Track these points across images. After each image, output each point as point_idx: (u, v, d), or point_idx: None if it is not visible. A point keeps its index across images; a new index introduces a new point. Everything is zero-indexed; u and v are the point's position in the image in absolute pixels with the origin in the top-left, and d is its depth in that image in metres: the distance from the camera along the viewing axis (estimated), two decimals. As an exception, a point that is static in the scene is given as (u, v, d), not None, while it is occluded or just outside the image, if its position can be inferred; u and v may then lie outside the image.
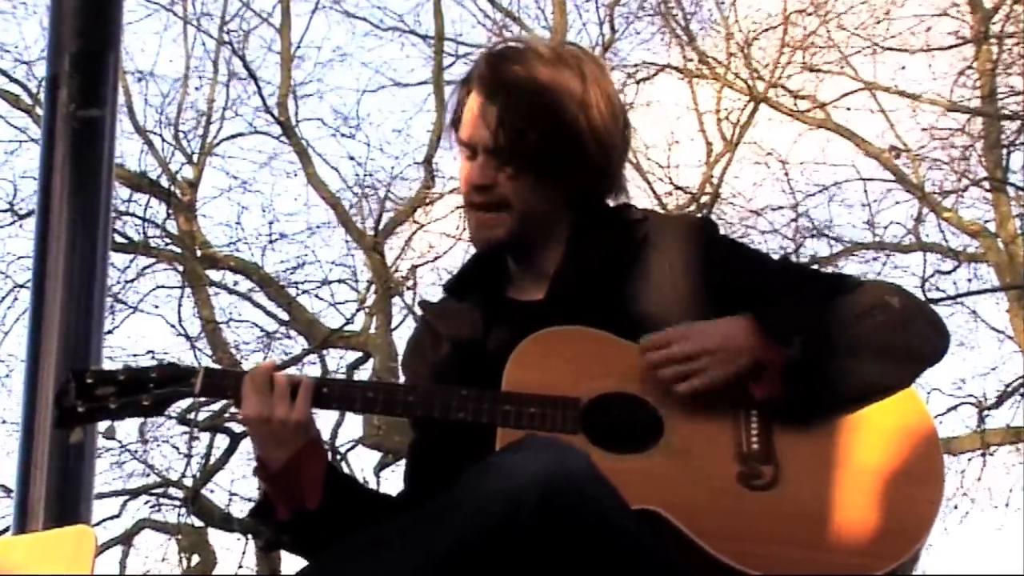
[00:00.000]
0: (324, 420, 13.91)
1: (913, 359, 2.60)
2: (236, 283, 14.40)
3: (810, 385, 2.51)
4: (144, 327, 20.14)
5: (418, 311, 2.92)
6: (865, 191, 13.73)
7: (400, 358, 2.89)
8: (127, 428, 13.73)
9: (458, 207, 13.77)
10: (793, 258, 12.22)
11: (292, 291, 14.28)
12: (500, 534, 2.23)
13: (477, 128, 2.64)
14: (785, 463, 2.51)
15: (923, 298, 2.83)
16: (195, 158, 14.20)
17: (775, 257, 2.80)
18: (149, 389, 2.58)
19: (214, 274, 14.33)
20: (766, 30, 13.77)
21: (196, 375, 2.58)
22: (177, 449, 13.92)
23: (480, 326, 2.73)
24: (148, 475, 14.00)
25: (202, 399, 13.67)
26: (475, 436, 2.54)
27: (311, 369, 14.12)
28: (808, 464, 2.51)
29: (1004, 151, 13.28)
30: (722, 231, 2.77)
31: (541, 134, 2.60)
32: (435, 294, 2.96)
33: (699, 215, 2.94)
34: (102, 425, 2.88)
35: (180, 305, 13.90)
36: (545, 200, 2.66)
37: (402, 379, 2.89)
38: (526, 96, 2.61)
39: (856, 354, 2.53)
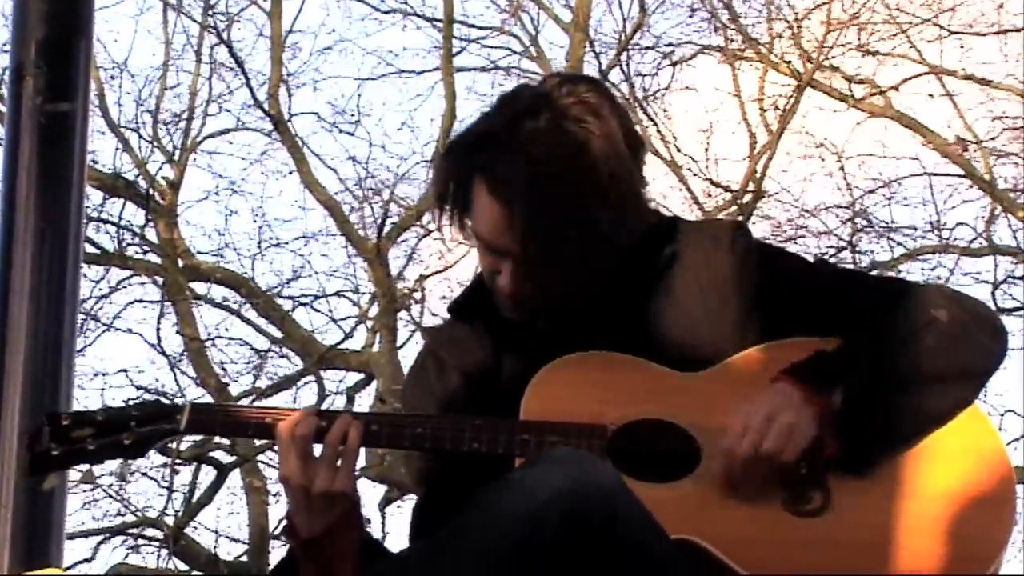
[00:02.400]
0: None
1: (971, 377, 2.64)
2: (225, 299, 14.43)
3: (864, 432, 2.55)
4: (120, 346, 20.20)
5: (421, 337, 2.92)
6: (930, 187, 13.72)
7: (402, 388, 2.91)
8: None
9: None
10: (849, 262, 12.21)
11: (286, 305, 14.31)
12: (522, 554, 2.26)
13: (500, 235, 2.63)
14: (836, 489, 2.54)
15: (993, 307, 2.84)
16: (176, 157, 14.23)
17: (810, 259, 2.84)
18: (131, 428, 2.62)
19: (198, 287, 14.37)
20: (816, 7, 13.76)
21: (182, 411, 2.62)
22: (157, 483, 13.95)
23: (491, 352, 2.76)
24: (125, 513, 14.03)
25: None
26: (491, 468, 2.53)
27: (306, 392, 14.14)
28: (861, 488, 2.54)
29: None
30: (766, 234, 2.78)
31: (576, 232, 2.59)
32: (444, 309, 2.96)
33: (729, 219, 2.94)
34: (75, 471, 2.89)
35: (160, 322, 13.94)
36: (575, 270, 2.64)
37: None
38: (544, 192, 2.58)
39: (907, 389, 2.58)
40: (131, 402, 2.70)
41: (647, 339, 2.64)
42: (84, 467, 2.77)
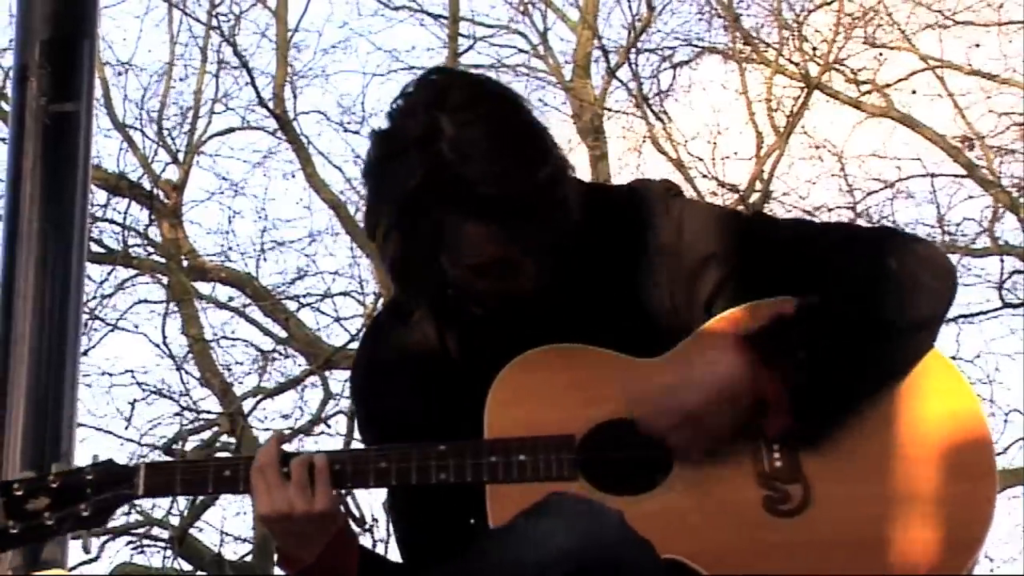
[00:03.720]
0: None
1: (926, 324, 2.58)
2: (231, 299, 14.44)
3: (823, 405, 2.50)
4: (124, 347, 20.19)
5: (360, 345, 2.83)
6: (933, 186, 13.69)
7: (357, 407, 2.83)
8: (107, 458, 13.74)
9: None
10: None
11: (291, 305, 14.31)
12: None
13: (499, 250, 2.50)
14: (814, 479, 2.49)
15: (1000, 304, 2.81)
16: (181, 157, 14.23)
17: (741, 212, 2.77)
18: (87, 496, 2.56)
19: (203, 287, 14.36)
20: (820, 6, 13.74)
21: (137, 473, 2.56)
22: (162, 483, 13.92)
23: (435, 341, 2.66)
24: (129, 513, 14.02)
25: (190, 427, 13.66)
26: (463, 487, 2.51)
27: (311, 392, 14.14)
28: (841, 476, 2.49)
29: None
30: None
31: (560, 217, 2.52)
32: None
33: (658, 181, 2.80)
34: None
35: (164, 322, 13.93)
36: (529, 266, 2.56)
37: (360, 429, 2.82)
38: (535, 202, 2.48)
39: (865, 344, 2.52)
40: (86, 464, 2.61)
41: (600, 326, 2.58)
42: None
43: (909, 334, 2.55)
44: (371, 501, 12.94)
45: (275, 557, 2.55)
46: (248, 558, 13.94)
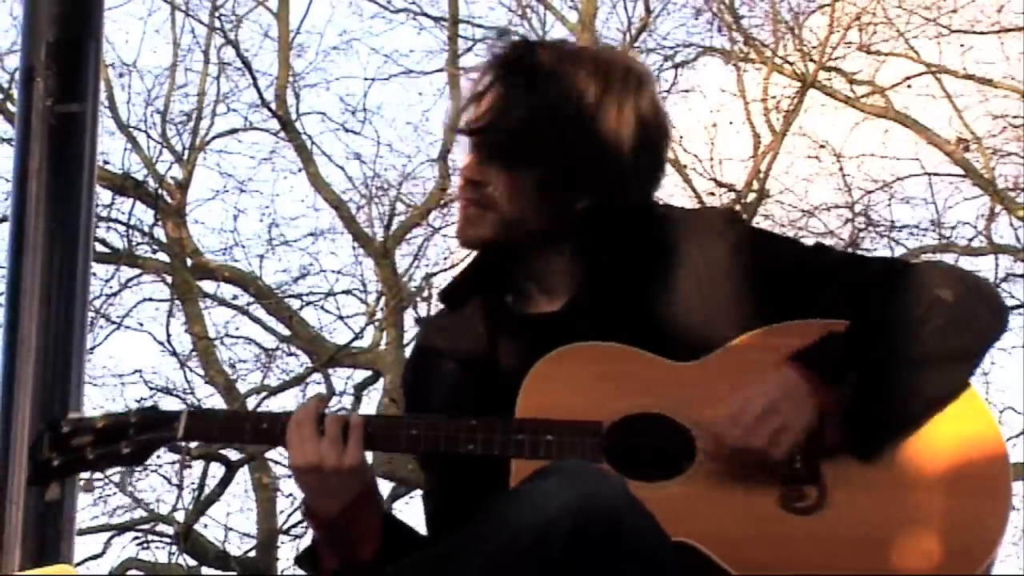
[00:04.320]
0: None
1: (975, 355, 2.61)
2: (235, 297, 14.44)
3: (873, 420, 2.52)
4: (129, 345, 20.22)
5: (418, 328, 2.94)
6: (930, 187, 13.71)
7: (402, 380, 2.92)
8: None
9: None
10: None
11: (294, 304, 14.32)
12: (528, 569, 2.25)
13: (480, 115, 2.68)
14: (831, 482, 2.51)
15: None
16: (185, 157, 14.23)
17: (802, 242, 2.81)
18: (129, 436, 2.62)
19: (207, 285, 14.38)
20: (818, 8, 13.75)
21: (179, 418, 2.61)
22: (167, 479, 13.97)
23: (484, 339, 2.74)
24: (135, 509, 14.04)
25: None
26: (489, 472, 2.54)
27: (314, 390, 14.13)
28: (857, 482, 2.51)
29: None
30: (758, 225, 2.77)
31: (532, 129, 2.63)
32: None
33: (723, 206, 2.91)
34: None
35: (169, 320, 13.95)
36: (535, 208, 2.67)
37: (404, 405, 2.90)
38: (524, 84, 2.65)
39: (914, 374, 2.54)
40: (134, 407, 2.70)
41: (643, 326, 2.61)
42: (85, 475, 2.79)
43: (957, 363, 2.58)
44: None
45: (302, 510, 2.61)
46: (252, 554, 13.95)
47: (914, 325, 2.56)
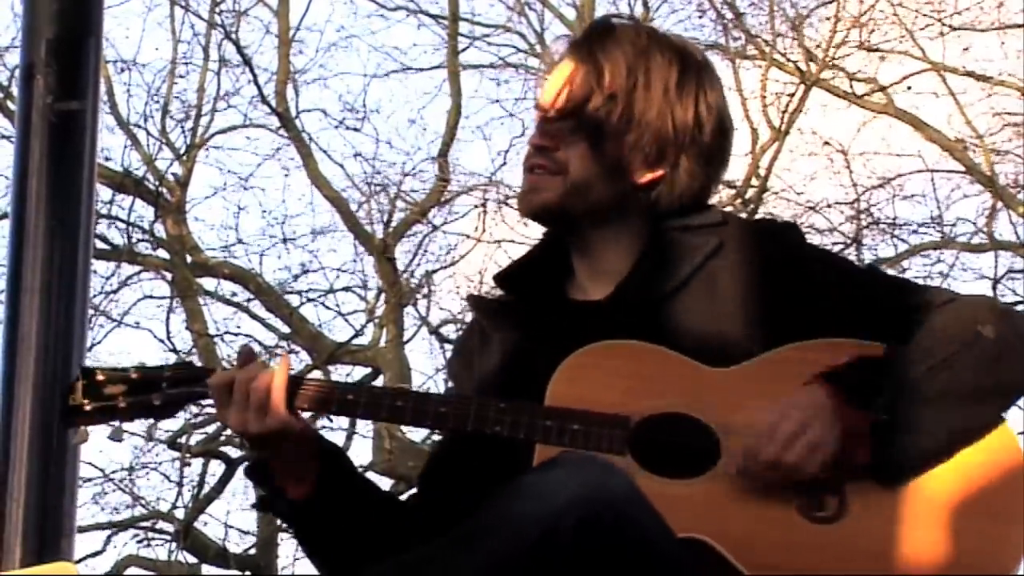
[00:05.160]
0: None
1: (1009, 395, 2.62)
2: (234, 294, 14.44)
3: (897, 450, 2.52)
4: (129, 342, 20.20)
5: (466, 308, 3.00)
6: (932, 184, 13.70)
7: (446, 363, 2.98)
8: (112, 453, 13.77)
9: (476, 206, 13.79)
10: (853, 259, 12.20)
11: (294, 301, 14.32)
12: (535, 560, 2.26)
13: (556, 91, 2.72)
14: (851, 493, 2.51)
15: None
16: (184, 154, 14.23)
17: (858, 264, 2.82)
18: (161, 388, 2.67)
19: (207, 283, 14.38)
20: (819, 5, 13.76)
21: (212, 375, 2.66)
22: (167, 477, 13.97)
23: (534, 327, 2.76)
24: (135, 506, 14.04)
25: (195, 420, 13.69)
26: (509, 451, 2.57)
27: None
28: (877, 494, 2.52)
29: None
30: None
31: (616, 112, 2.68)
32: (461, 298, 3.00)
33: (782, 221, 2.96)
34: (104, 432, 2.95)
35: (169, 317, 13.95)
36: (603, 179, 2.71)
37: (447, 384, 2.96)
38: (610, 68, 2.70)
39: (946, 405, 2.54)
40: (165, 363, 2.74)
41: (686, 329, 2.63)
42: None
43: (992, 400, 2.58)
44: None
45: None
46: (252, 552, 13.96)
47: (950, 357, 2.56)
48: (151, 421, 2.72)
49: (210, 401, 2.66)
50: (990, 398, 2.58)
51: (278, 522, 13.65)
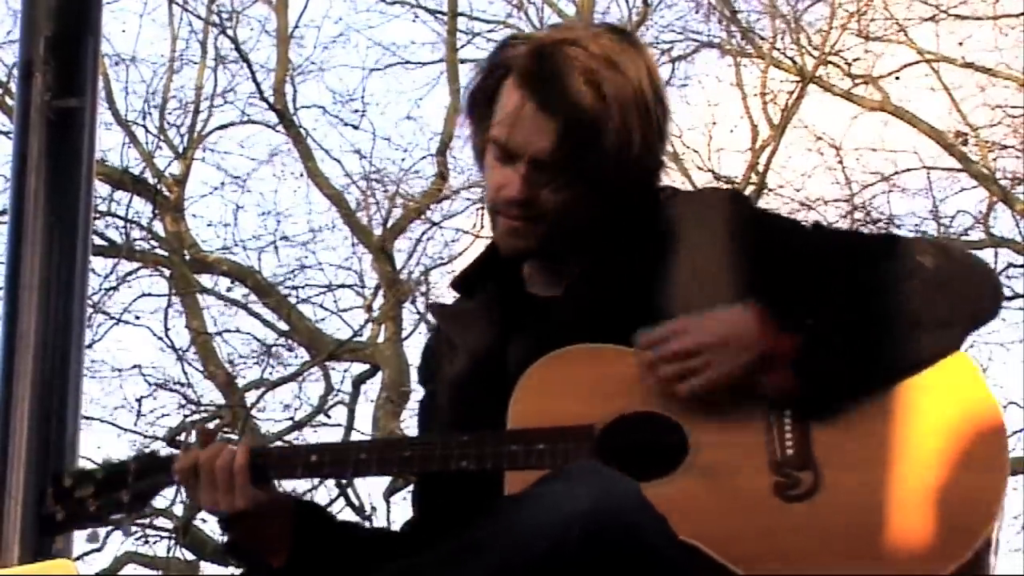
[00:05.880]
0: (331, 438, 13.93)
1: (951, 325, 2.59)
2: (230, 288, 14.43)
3: (826, 373, 2.51)
4: (127, 339, 20.20)
5: (430, 316, 2.99)
6: (928, 179, 13.70)
7: (416, 370, 2.96)
8: (111, 450, 13.76)
9: (475, 203, 13.78)
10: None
11: (292, 298, 14.30)
12: (539, 571, 2.25)
13: (528, 137, 2.64)
14: (826, 466, 2.50)
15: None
16: (183, 151, 14.22)
17: (807, 224, 2.81)
18: (128, 484, 2.72)
19: (205, 280, 14.37)
20: (816, 2, 13.75)
21: (174, 462, 2.71)
22: (166, 474, 13.92)
23: (497, 328, 2.75)
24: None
25: (191, 413, 13.66)
26: (481, 483, 2.56)
27: (314, 385, 14.14)
28: (851, 463, 2.50)
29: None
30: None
31: (604, 152, 2.62)
32: (450, 297, 2.98)
33: (726, 188, 2.94)
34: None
35: (167, 315, 13.94)
36: (587, 213, 2.69)
37: (420, 395, 2.93)
38: (587, 106, 2.62)
39: (877, 332, 2.53)
40: (128, 456, 2.80)
41: (649, 312, 2.61)
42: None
43: (933, 329, 2.56)
44: (370, 490, 12.95)
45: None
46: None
47: (884, 287, 2.56)
48: (123, 516, 2.74)
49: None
50: (929, 327, 2.55)
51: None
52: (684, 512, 2.44)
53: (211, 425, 12.32)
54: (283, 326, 14.24)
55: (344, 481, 12.20)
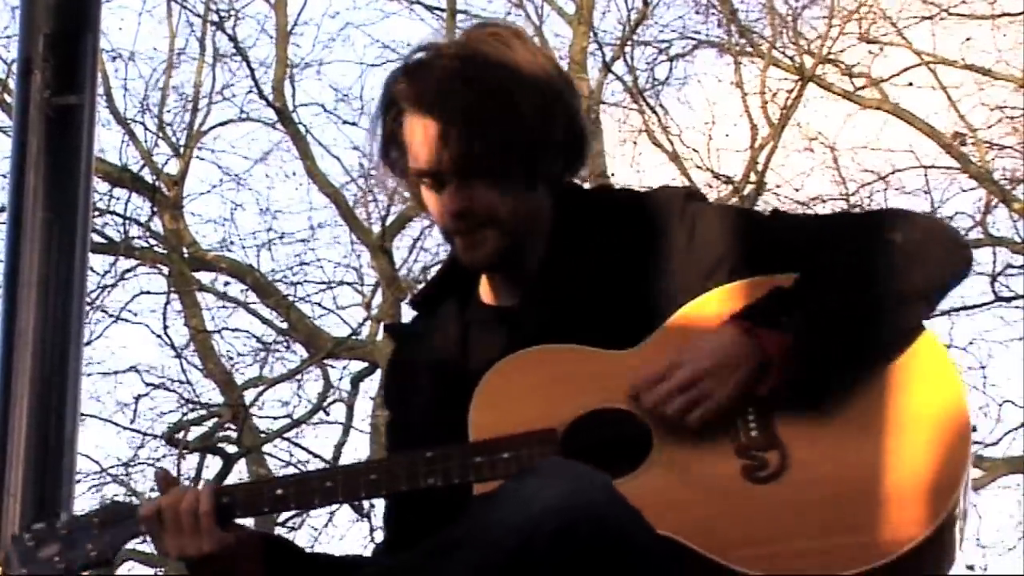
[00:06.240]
0: (326, 442, 13.93)
1: (927, 295, 2.60)
2: (227, 284, 14.43)
3: (810, 363, 2.51)
4: (126, 337, 20.20)
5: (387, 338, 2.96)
6: (926, 179, 13.70)
7: (383, 394, 2.95)
8: (109, 448, 13.77)
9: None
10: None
11: (291, 296, 14.30)
12: (511, 569, 2.25)
13: (437, 153, 2.63)
14: (792, 444, 2.50)
15: (992, 297, 2.82)
16: (181, 149, 14.22)
17: (765, 212, 2.81)
18: (93, 536, 2.65)
19: (204, 277, 14.36)
20: (811, 1, 13.75)
21: (136, 511, 2.64)
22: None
23: (458, 344, 2.75)
24: (132, 501, 14.00)
25: (190, 416, 13.66)
26: (449, 494, 2.55)
27: (313, 383, 14.14)
28: (815, 437, 2.51)
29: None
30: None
31: (511, 140, 2.61)
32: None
33: (680, 187, 2.92)
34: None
35: (166, 312, 13.94)
36: (526, 201, 2.68)
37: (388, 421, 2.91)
38: (481, 106, 2.60)
39: (860, 315, 2.53)
40: (92, 509, 2.71)
41: (597, 314, 2.61)
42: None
43: (908, 304, 2.56)
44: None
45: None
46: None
47: (859, 267, 2.56)
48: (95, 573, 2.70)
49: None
50: (907, 301, 2.56)
51: (275, 517, 13.67)
52: (657, 507, 2.43)
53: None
54: (282, 324, 14.24)
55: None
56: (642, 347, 2.59)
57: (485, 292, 2.79)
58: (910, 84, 13.69)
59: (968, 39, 13.51)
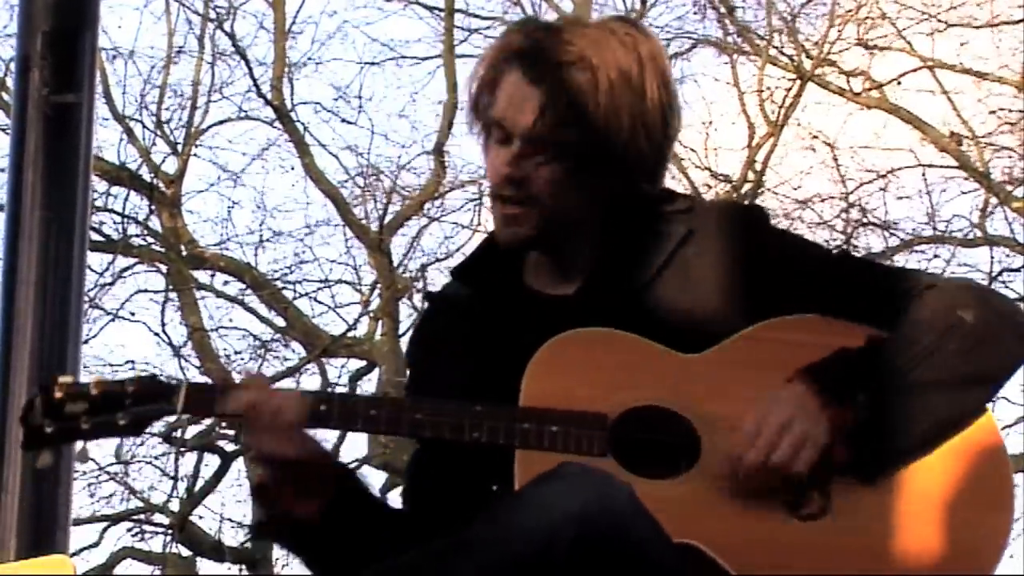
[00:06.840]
0: (325, 442, 13.92)
1: (993, 380, 2.60)
2: (226, 282, 14.44)
3: (879, 446, 2.51)
4: (124, 335, 20.19)
5: (423, 304, 2.91)
6: (924, 179, 13.71)
7: (407, 353, 2.91)
8: (105, 447, 13.78)
9: (472, 199, 13.80)
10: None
11: (288, 294, 14.31)
12: (533, 572, 2.23)
13: (517, 111, 2.60)
14: (836, 490, 2.50)
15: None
16: (179, 147, 14.22)
17: (829, 248, 2.79)
18: (125, 406, 2.52)
19: (201, 276, 14.36)
20: (810, 1, 13.76)
21: (178, 392, 2.53)
22: (162, 470, 13.97)
23: (498, 321, 2.70)
24: (130, 499, 14.04)
25: (190, 416, 13.71)
26: (489, 453, 2.52)
27: (311, 381, 14.14)
28: (861, 491, 2.50)
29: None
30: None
31: (591, 126, 2.58)
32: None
33: (748, 203, 2.92)
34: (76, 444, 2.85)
35: (164, 310, 13.95)
36: (580, 197, 2.64)
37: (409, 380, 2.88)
38: (576, 81, 2.57)
39: (930, 396, 2.53)
40: (129, 376, 2.58)
41: (660, 317, 2.59)
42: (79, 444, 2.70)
43: (976, 387, 2.57)
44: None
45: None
46: (247, 545, 13.96)
47: (930, 347, 2.54)
48: (119, 442, 2.64)
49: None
50: (974, 385, 2.56)
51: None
52: (690, 515, 2.44)
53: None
54: (280, 322, 14.25)
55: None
56: (705, 354, 2.57)
57: (531, 275, 2.75)
58: (899, 83, 13.68)
59: (964, 43, 13.54)
